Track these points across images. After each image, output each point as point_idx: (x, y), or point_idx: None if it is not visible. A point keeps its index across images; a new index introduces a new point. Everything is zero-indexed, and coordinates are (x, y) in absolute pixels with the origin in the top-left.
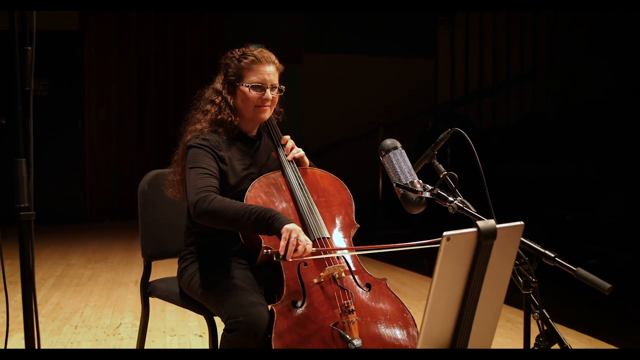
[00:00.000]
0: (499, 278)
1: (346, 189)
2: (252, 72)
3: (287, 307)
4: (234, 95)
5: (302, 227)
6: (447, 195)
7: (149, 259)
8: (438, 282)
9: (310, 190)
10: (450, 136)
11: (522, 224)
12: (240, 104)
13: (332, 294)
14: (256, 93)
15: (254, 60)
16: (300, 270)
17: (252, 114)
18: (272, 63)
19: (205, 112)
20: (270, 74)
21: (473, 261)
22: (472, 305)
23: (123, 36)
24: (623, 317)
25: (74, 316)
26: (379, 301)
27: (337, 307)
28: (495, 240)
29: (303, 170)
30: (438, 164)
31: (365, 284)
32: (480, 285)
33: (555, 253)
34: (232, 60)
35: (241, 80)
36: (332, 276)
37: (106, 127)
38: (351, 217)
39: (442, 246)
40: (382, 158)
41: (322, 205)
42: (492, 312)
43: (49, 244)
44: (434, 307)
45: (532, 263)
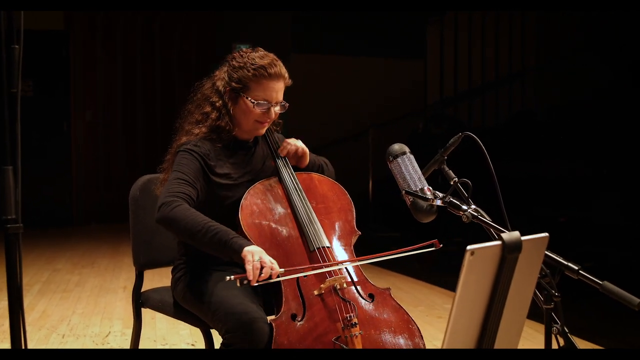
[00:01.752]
0: (523, 291)
1: (346, 194)
2: (260, 86)
3: (287, 321)
4: (235, 103)
5: (301, 236)
6: (460, 204)
7: (141, 267)
8: (461, 297)
9: (308, 196)
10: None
11: (547, 236)
12: (240, 115)
13: (334, 306)
14: (260, 110)
15: (263, 74)
16: (300, 282)
17: (251, 128)
18: (281, 78)
19: (205, 115)
20: (278, 91)
21: (497, 275)
22: (496, 320)
23: (109, 36)
24: (619, 320)
25: (61, 324)
26: (383, 312)
27: (339, 321)
28: (520, 253)
29: (300, 175)
30: (448, 170)
31: (369, 294)
32: (505, 300)
33: (579, 265)
34: (241, 66)
35: (246, 92)
36: (333, 287)
37: (92, 129)
38: (352, 224)
39: (466, 260)
40: (390, 164)
41: (321, 212)
42: (515, 326)
43: (34, 248)
44: (457, 322)
45: (554, 276)
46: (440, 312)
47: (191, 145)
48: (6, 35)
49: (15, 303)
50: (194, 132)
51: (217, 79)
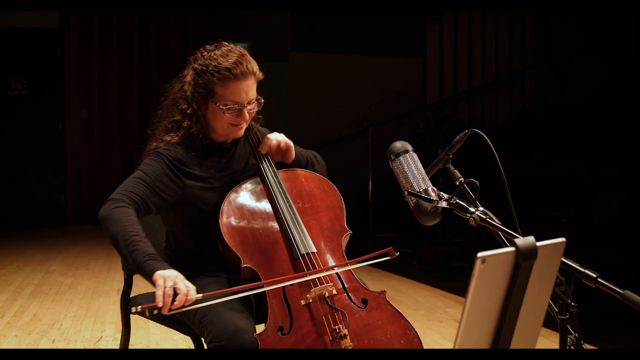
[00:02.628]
0: (538, 302)
1: (335, 190)
2: (227, 90)
3: (272, 334)
4: (206, 108)
5: (285, 242)
6: (467, 205)
7: (129, 272)
8: (471, 308)
9: (293, 195)
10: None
11: (564, 241)
12: (212, 120)
13: (321, 317)
14: (231, 115)
15: (228, 77)
16: (286, 291)
17: (226, 131)
18: (250, 75)
19: (176, 123)
20: (248, 91)
21: (510, 284)
22: (509, 333)
23: (105, 34)
24: (620, 321)
25: (52, 329)
26: (378, 318)
27: (327, 334)
28: (536, 260)
29: (285, 172)
30: (454, 170)
31: (361, 299)
32: (518, 311)
33: (597, 273)
34: (204, 70)
35: (213, 97)
36: (321, 296)
37: (88, 127)
38: (342, 222)
39: (477, 269)
40: (392, 163)
41: (308, 212)
42: (529, 340)
43: (28, 248)
44: (466, 335)
45: (569, 284)
46: (442, 315)
47: (162, 149)
48: None
49: None
50: (165, 140)
51: (185, 82)
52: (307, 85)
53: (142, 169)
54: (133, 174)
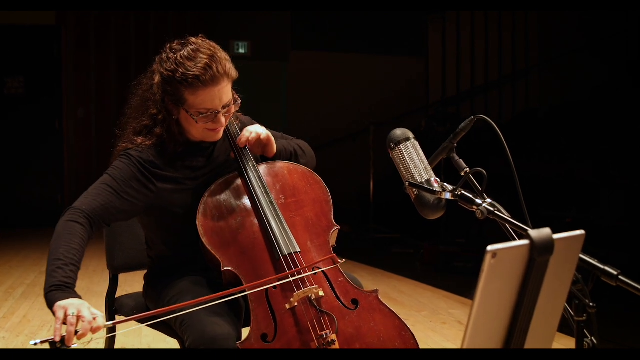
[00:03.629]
0: (554, 301)
1: (320, 182)
2: (198, 98)
3: (256, 342)
4: (178, 112)
5: (266, 242)
6: (473, 197)
7: (115, 271)
8: (480, 308)
9: (274, 190)
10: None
11: (583, 234)
12: (187, 125)
13: (306, 323)
14: (204, 122)
15: (196, 85)
16: (269, 295)
17: (202, 136)
18: (221, 78)
19: (147, 128)
20: (221, 96)
21: (524, 281)
22: (522, 336)
23: (102, 31)
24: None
25: (42, 330)
26: (369, 320)
27: (313, 340)
28: (552, 254)
29: (266, 165)
30: (459, 159)
31: (351, 300)
32: (532, 311)
33: (618, 270)
34: (171, 77)
35: (183, 103)
36: (306, 298)
37: (85, 126)
38: (328, 217)
39: (487, 264)
40: (392, 152)
41: (292, 207)
42: (545, 340)
43: (23, 248)
44: (475, 337)
45: (587, 282)
46: (445, 317)
47: (133, 151)
48: None
49: None
50: (136, 142)
51: (154, 82)
52: (308, 85)
53: (111, 172)
54: (101, 178)
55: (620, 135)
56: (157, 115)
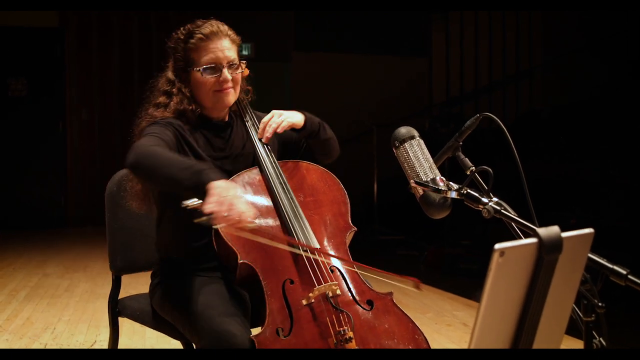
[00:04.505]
0: (563, 301)
1: (339, 184)
2: (202, 52)
3: (271, 336)
4: (188, 82)
5: (286, 237)
6: (479, 196)
7: (118, 272)
8: (488, 307)
9: (294, 188)
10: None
11: (592, 232)
12: (197, 92)
13: (325, 318)
14: (211, 76)
15: (201, 38)
16: (286, 289)
17: (213, 101)
18: (224, 36)
19: (163, 104)
20: (224, 50)
21: (532, 280)
22: (530, 336)
23: (105, 33)
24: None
25: (45, 333)
26: (384, 321)
27: (331, 336)
28: (561, 253)
29: (285, 163)
30: (464, 158)
31: (367, 300)
32: (541, 311)
33: (627, 269)
34: (178, 43)
35: (191, 64)
36: (324, 295)
37: (88, 128)
38: (346, 218)
39: (494, 263)
40: (396, 150)
41: (310, 206)
42: (553, 339)
43: (25, 251)
44: (482, 337)
45: (595, 282)
46: (450, 319)
47: (160, 120)
48: None
49: None
50: (156, 115)
51: (167, 70)
52: (311, 85)
53: (152, 132)
54: (145, 137)
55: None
56: (171, 89)
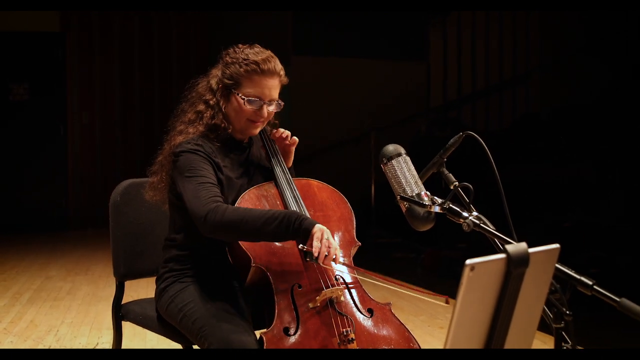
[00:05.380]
0: (531, 310)
1: (346, 202)
2: (252, 82)
3: (279, 334)
4: (228, 100)
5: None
6: (460, 210)
7: (121, 278)
8: (460, 317)
9: (306, 203)
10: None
11: (557, 247)
12: (232, 113)
13: (330, 320)
14: (251, 107)
15: (255, 70)
16: (294, 293)
17: (243, 127)
18: (276, 75)
19: (198, 114)
20: (271, 89)
21: (501, 292)
22: (500, 341)
23: (106, 37)
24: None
25: (48, 335)
26: (382, 328)
27: (335, 336)
28: (528, 267)
29: (299, 181)
30: (448, 173)
31: (367, 309)
32: (509, 320)
33: (593, 280)
34: (233, 62)
35: (238, 87)
36: (329, 300)
37: (89, 132)
38: (352, 233)
39: (465, 277)
40: (384, 167)
41: (320, 220)
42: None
43: (28, 254)
44: (456, 344)
45: (564, 292)
46: (443, 322)
47: (193, 145)
48: None
49: None
50: (190, 132)
51: (212, 76)
52: (309, 89)
53: (196, 173)
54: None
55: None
56: (210, 100)
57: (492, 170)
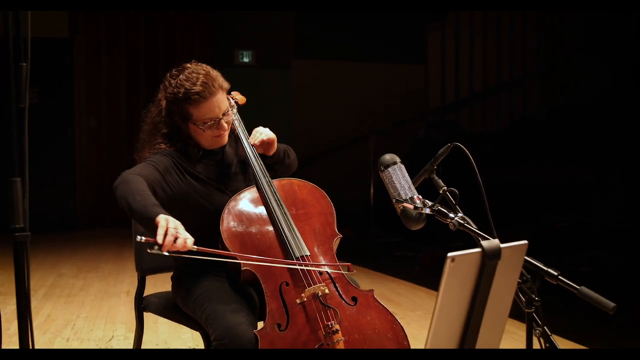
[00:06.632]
0: (503, 295)
1: (325, 197)
2: (200, 110)
3: (271, 331)
4: (187, 127)
5: (281, 246)
6: (447, 212)
7: (143, 273)
8: (443, 300)
9: (287, 203)
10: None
11: (526, 243)
12: (196, 136)
13: (315, 314)
14: (210, 130)
15: (198, 100)
16: (282, 291)
17: (211, 143)
18: (218, 90)
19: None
20: (220, 104)
21: (477, 280)
22: (477, 322)
23: (113, 43)
24: (616, 324)
25: (66, 328)
26: (366, 315)
27: (321, 329)
28: (500, 260)
29: (280, 182)
30: (437, 179)
31: (351, 297)
32: (485, 303)
33: (558, 271)
34: (175, 99)
35: (189, 118)
36: (314, 295)
37: (96, 135)
38: (332, 227)
39: (447, 267)
40: (382, 173)
41: (301, 218)
42: (496, 328)
43: (39, 253)
44: (439, 325)
45: (534, 281)
46: None
47: (163, 151)
48: (14, 53)
49: (23, 307)
50: (161, 148)
51: (161, 106)
52: (310, 92)
53: (151, 160)
54: (142, 164)
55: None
56: (170, 133)
57: (475, 175)
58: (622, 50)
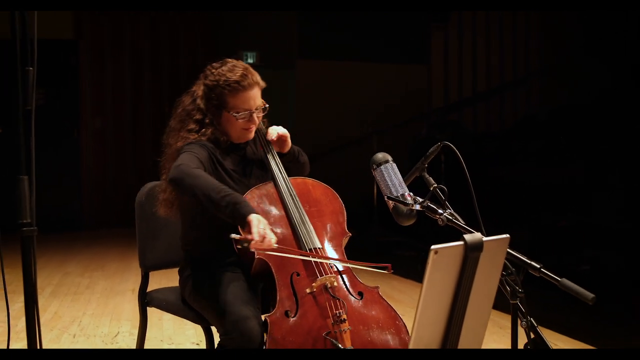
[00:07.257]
0: (487, 288)
1: (337, 198)
2: (237, 99)
3: (281, 317)
4: (220, 117)
5: (294, 238)
6: (436, 208)
7: (146, 269)
8: (427, 291)
9: (301, 200)
10: (441, 148)
11: (507, 237)
12: (227, 126)
13: (324, 303)
14: (243, 119)
15: (237, 88)
16: (293, 280)
17: (239, 136)
18: (255, 85)
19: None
20: (255, 98)
21: (461, 272)
22: (461, 313)
23: (117, 44)
24: (614, 322)
25: (72, 325)
26: (371, 309)
27: (329, 317)
28: (482, 252)
29: (295, 180)
30: (428, 177)
31: (358, 292)
32: (468, 295)
33: (540, 264)
34: (215, 85)
35: (226, 107)
36: (324, 286)
37: (102, 136)
38: (343, 226)
39: (430, 259)
40: (374, 172)
41: (314, 215)
42: (480, 319)
43: (45, 252)
44: (424, 314)
45: (518, 274)
46: None
47: (196, 141)
48: (22, 57)
49: (30, 300)
50: (191, 138)
51: (197, 95)
52: (314, 92)
53: (191, 151)
54: (181, 157)
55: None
56: (203, 119)
57: (464, 173)
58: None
